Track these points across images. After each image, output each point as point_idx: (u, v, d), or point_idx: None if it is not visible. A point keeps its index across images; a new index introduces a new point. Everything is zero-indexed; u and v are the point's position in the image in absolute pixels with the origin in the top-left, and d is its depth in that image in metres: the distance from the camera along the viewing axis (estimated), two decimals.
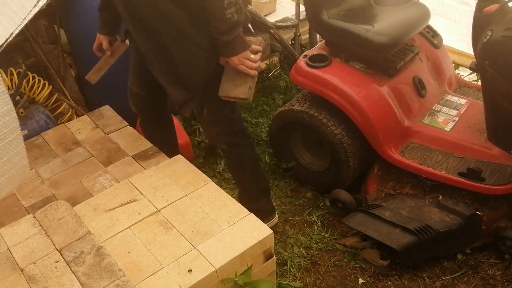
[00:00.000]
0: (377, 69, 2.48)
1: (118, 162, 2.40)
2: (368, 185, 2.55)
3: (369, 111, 2.35)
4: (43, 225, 1.94)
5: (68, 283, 1.70)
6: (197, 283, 1.73)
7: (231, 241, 1.87)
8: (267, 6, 3.57)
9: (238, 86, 1.99)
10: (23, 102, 2.69)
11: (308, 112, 2.47)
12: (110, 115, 2.71)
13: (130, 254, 1.84)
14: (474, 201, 2.27)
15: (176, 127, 2.80)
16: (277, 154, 2.85)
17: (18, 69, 2.71)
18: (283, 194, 2.75)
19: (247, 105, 3.37)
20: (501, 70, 2.06)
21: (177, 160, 2.27)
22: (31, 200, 2.23)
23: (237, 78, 1.99)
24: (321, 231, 2.51)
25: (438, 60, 2.73)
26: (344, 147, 2.44)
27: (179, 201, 2.05)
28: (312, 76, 2.46)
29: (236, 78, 1.99)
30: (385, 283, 2.25)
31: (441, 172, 2.29)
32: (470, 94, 2.73)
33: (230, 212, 1.98)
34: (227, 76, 2.02)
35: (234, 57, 1.92)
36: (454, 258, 2.29)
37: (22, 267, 1.78)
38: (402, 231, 2.19)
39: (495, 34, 2.05)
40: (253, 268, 1.89)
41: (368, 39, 2.32)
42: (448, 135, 2.44)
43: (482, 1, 2.18)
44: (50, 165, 2.42)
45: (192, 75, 2.02)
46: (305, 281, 2.28)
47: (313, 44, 3.44)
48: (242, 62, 1.93)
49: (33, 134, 2.61)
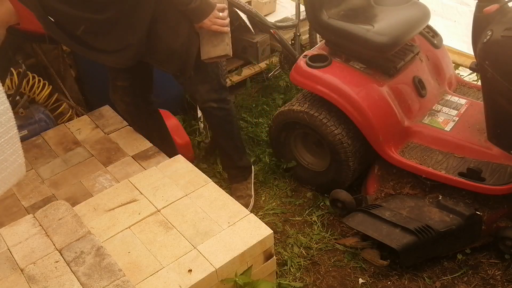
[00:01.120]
0: (377, 69, 2.48)
1: (118, 162, 2.40)
2: (368, 185, 2.55)
3: (369, 111, 2.35)
4: (43, 225, 1.94)
5: (68, 283, 1.70)
6: (197, 283, 1.73)
7: (231, 241, 1.87)
8: (267, 6, 3.57)
9: (216, 45, 2.11)
10: (23, 102, 2.68)
11: (308, 112, 2.47)
12: (110, 115, 2.71)
13: (130, 254, 1.84)
14: (474, 201, 2.27)
15: (176, 127, 2.81)
16: (277, 154, 2.85)
17: (18, 69, 2.71)
18: (283, 194, 2.75)
19: (247, 105, 3.37)
20: (501, 70, 2.06)
21: (177, 160, 2.27)
22: (31, 200, 2.23)
23: (213, 38, 2.11)
24: (321, 231, 2.51)
25: (438, 60, 2.73)
26: (344, 147, 2.44)
27: (179, 201, 2.05)
28: (312, 76, 2.46)
29: (212, 39, 2.11)
30: (385, 283, 2.25)
31: (441, 172, 2.29)
32: (470, 94, 2.73)
33: (230, 212, 1.98)
34: (204, 39, 2.13)
35: (205, 19, 2.03)
36: (454, 258, 2.29)
37: (22, 267, 1.78)
38: (402, 231, 2.19)
39: (495, 34, 2.05)
40: (253, 268, 1.89)
41: (368, 39, 2.32)
42: (448, 135, 2.44)
43: (482, 1, 2.18)
44: (50, 165, 2.43)
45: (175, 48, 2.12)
46: (305, 281, 2.28)
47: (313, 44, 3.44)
48: (214, 23, 2.05)
49: (33, 134, 2.61)
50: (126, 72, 2.34)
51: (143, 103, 2.49)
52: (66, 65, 2.96)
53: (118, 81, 2.37)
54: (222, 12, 2.07)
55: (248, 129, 3.16)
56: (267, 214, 2.63)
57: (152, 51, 2.12)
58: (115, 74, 2.36)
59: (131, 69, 2.28)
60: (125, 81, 2.37)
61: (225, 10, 2.08)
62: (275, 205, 2.68)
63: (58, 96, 2.89)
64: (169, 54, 2.14)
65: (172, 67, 2.21)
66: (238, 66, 3.60)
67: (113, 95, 2.46)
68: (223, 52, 2.11)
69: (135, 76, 2.36)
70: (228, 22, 2.09)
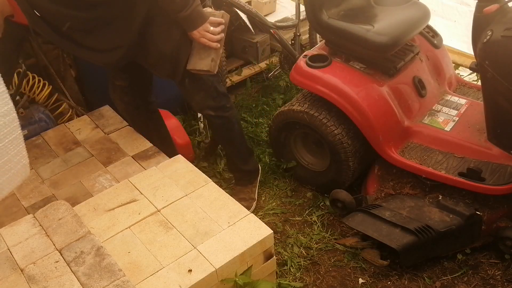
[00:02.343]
0: (377, 69, 2.48)
1: (118, 162, 2.40)
2: (368, 185, 2.55)
3: (369, 111, 2.35)
4: (43, 225, 1.94)
5: (68, 283, 1.70)
6: (197, 283, 1.73)
7: (231, 241, 1.87)
8: (267, 6, 3.57)
9: (202, 59, 2.07)
10: (23, 102, 2.68)
11: (308, 112, 2.47)
12: (110, 115, 2.71)
13: (130, 254, 1.84)
14: (474, 201, 2.27)
15: (176, 127, 2.81)
16: (277, 154, 2.85)
17: (18, 69, 2.71)
18: (283, 194, 2.75)
19: (247, 105, 3.37)
20: (501, 70, 2.06)
21: (177, 160, 2.27)
22: (31, 200, 2.23)
23: (202, 51, 2.07)
24: (321, 231, 2.51)
25: (438, 60, 2.73)
26: (344, 147, 2.44)
27: (179, 201, 2.05)
28: (312, 76, 2.46)
29: (201, 52, 2.07)
30: (385, 283, 2.25)
31: (441, 172, 2.29)
32: (470, 94, 2.73)
33: (230, 212, 1.98)
34: (194, 50, 2.10)
35: (195, 30, 1.99)
36: (454, 258, 2.29)
37: (22, 267, 1.78)
38: (402, 231, 2.19)
39: (495, 34, 2.05)
40: (253, 268, 1.89)
41: (368, 39, 2.32)
42: (448, 135, 2.44)
43: (482, 1, 2.18)
44: (50, 165, 2.43)
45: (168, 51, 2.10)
46: (305, 281, 2.28)
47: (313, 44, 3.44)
48: (202, 35, 2.00)
49: (33, 134, 2.61)
50: (124, 72, 2.33)
51: (142, 103, 2.48)
52: (66, 65, 2.96)
53: (117, 81, 2.37)
54: (215, 26, 2.01)
55: (248, 129, 3.16)
56: (267, 214, 2.63)
57: (143, 53, 2.10)
58: (114, 74, 2.37)
59: (129, 69, 2.27)
60: (124, 81, 2.37)
61: (220, 25, 2.03)
62: (275, 205, 2.68)
63: (58, 96, 2.89)
64: (159, 58, 2.11)
65: (162, 71, 2.18)
66: (238, 66, 3.60)
67: (113, 94, 2.47)
68: (206, 67, 2.06)
69: (133, 76, 2.35)
70: (219, 38, 2.03)
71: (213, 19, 2.01)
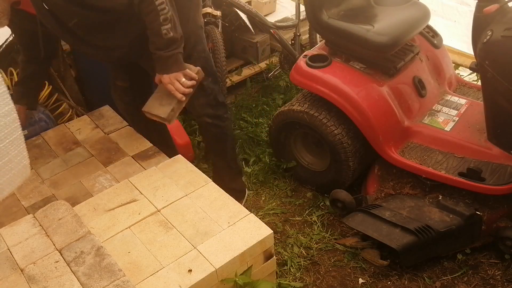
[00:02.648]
0: (377, 69, 2.48)
1: (118, 162, 2.40)
2: (368, 185, 2.55)
3: (369, 111, 2.35)
4: (43, 225, 1.94)
5: (68, 283, 1.70)
6: (197, 283, 1.73)
7: (231, 241, 1.87)
8: (267, 6, 3.57)
9: (163, 105, 2.04)
10: None
11: (308, 112, 2.48)
12: (110, 115, 2.71)
13: (130, 254, 1.84)
14: (474, 201, 2.27)
15: (176, 127, 2.81)
16: (277, 154, 2.85)
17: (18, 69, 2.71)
18: (283, 194, 2.75)
19: (247, 105, 3.37)
20: (501, 70, 2.06)
21: (177, 160, 2.27)
22: (31, 200, 2.23)
23: (165, 97, 2.04)
24: (321, 231, 2.51)
25: (438, 60, 2.74)
26: (344, 147, 2.44)
27: (179, 201, 2.05)
28: (312, 76, 2.46)
29: (164, 97, 2.05)
30: (385, 283, 2.25)
31: (441, 172, 2.29)
32: (470, 94, 2.73)
33: (230, 212, 1.98)
34: (157, 93, 2.08)
35: (166, 75, 1.98)
36: (454, 258, 2.29)
37: (22, 267, 1.78)
38: (402, 231, 2.19)
39: (495, 34, 2.05)
40: (253, 268, 1.89)
41: (368, 39, 2.32)
42: (448, 135, 2.44)
43: (482, 1, 2.18)
44: (50, 165, 2.42)
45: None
46: (305, 281, 2.28)
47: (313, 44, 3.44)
48: (171, 82, 1.99)
49: (33, 134, 2.61)
50: (125, 73, 2.34)
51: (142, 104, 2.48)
52: (66, 65, 2.96)
53: (118, 81, 2.39)
54: (188, 79, 2.00)
55: (248, 129, 3.16)
56: (267, 214, 2.63)
57: (142, 55, 2.10)
58: (115, 74, 2.37)
59: (130, 71, 2.28)
60: (125, 81, 2.38)
61: (192, 80, 2.01)
62: (275, 205, 2.68)
63: (58, 96, 2.89)
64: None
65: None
66: (238, 66, 3.60)
67: (114, 94, 2.49)
68: (163, 115, 2.03)
69: (134, 77, 2.36)
70: (188, 91, 2.01)
71: (187, 72, 2.00)
